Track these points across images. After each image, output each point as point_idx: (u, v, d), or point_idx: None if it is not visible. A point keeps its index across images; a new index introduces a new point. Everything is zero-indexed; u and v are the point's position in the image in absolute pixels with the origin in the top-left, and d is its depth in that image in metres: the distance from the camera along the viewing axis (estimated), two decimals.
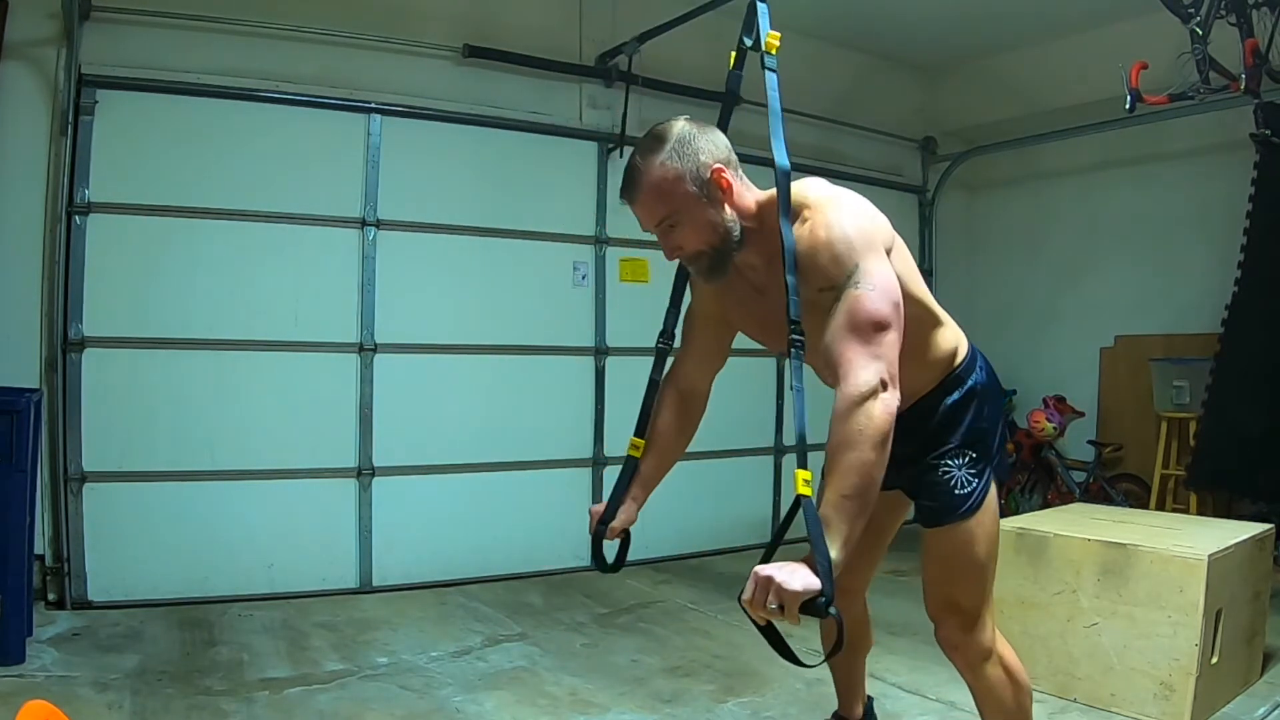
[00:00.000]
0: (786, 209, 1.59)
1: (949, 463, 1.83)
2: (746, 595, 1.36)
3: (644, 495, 1.98)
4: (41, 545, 3.69)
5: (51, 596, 3.75)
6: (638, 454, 1.91)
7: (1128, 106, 3.90)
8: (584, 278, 4.93)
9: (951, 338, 1.88)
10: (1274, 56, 3.85)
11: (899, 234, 1.83)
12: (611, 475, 4.92)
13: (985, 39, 5.70)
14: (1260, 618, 3.13)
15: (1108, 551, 2.87)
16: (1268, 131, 4.31)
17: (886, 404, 1.43)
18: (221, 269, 4.05)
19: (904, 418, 1.74)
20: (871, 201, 1.82)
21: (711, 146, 1.65)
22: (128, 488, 3.87)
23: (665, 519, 5.07)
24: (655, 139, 1.63)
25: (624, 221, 5.02)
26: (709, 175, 1.62)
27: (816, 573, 1.34)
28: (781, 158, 1.68)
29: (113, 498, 3.84)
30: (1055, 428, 5.68)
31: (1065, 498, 5.53)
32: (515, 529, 4.65)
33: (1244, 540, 2.94)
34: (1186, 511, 4.68)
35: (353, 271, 4.29)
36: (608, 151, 4.95)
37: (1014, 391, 6.36)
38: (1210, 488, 4.68)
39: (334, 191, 4.26)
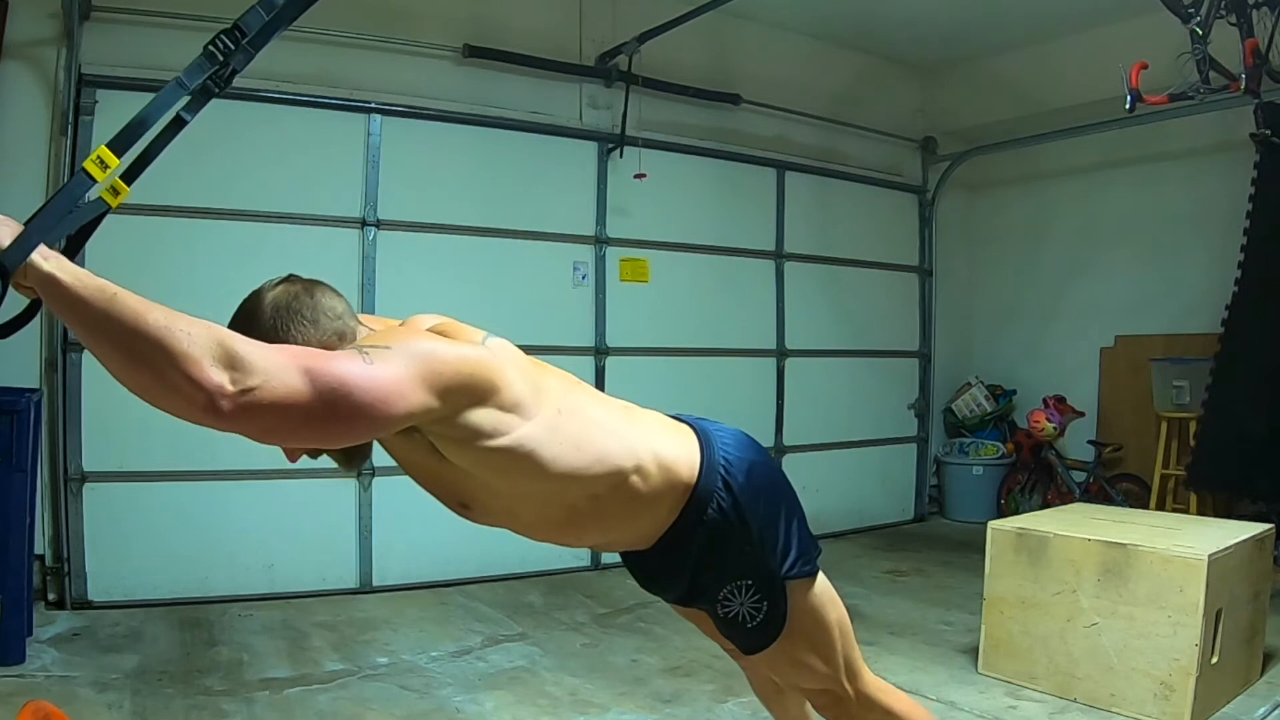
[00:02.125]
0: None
1: (726, 601, 1.56)
2: None
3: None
4: (41, 545, 3.69)
5: (51, 596, 3.75)
6: (101, 176, 1.32)
7: (1128, 106, 3.89)
8: (584, 278, 4.93)
9: (669, 469, 1.49)
10: (1274, 56, 3.85)
11: (898, 236, 1.73)
12: None
13: (985, 39, 5.70)
14: (1260, 618, 3.13)
15: (1108, 551, 2.87)
16: (1268, 131, 4.31)
17: (213, 379, 1.02)
18: (221, 269, 4.04)
19: (656, 553, 1.56)
20: (871, 202, 1.75)
21: (310, 327, 1.30)
22: (128, 488, 3.87)
23: None
24: (244, 322, 1.31)
25: (624, 221, 5.06)
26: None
27: (17, 239, 1.09)
28: None
29: (113, 498, 3.84)
30: (1055, 428, 5.68)
31: (1065, 498, 5.53)
32: None
33: (1244, 540, 2.94)
34: (1186, 511, 4.68)
35: (353, 271, 4.29)
36: (608, 151, 4.95)
37: (1014, 391, 6.37)
38: (1210, 488, 4.68)
39: (334, 191, 4.26)
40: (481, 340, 1.35)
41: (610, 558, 4.90)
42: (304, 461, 1.30)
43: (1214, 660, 2.77)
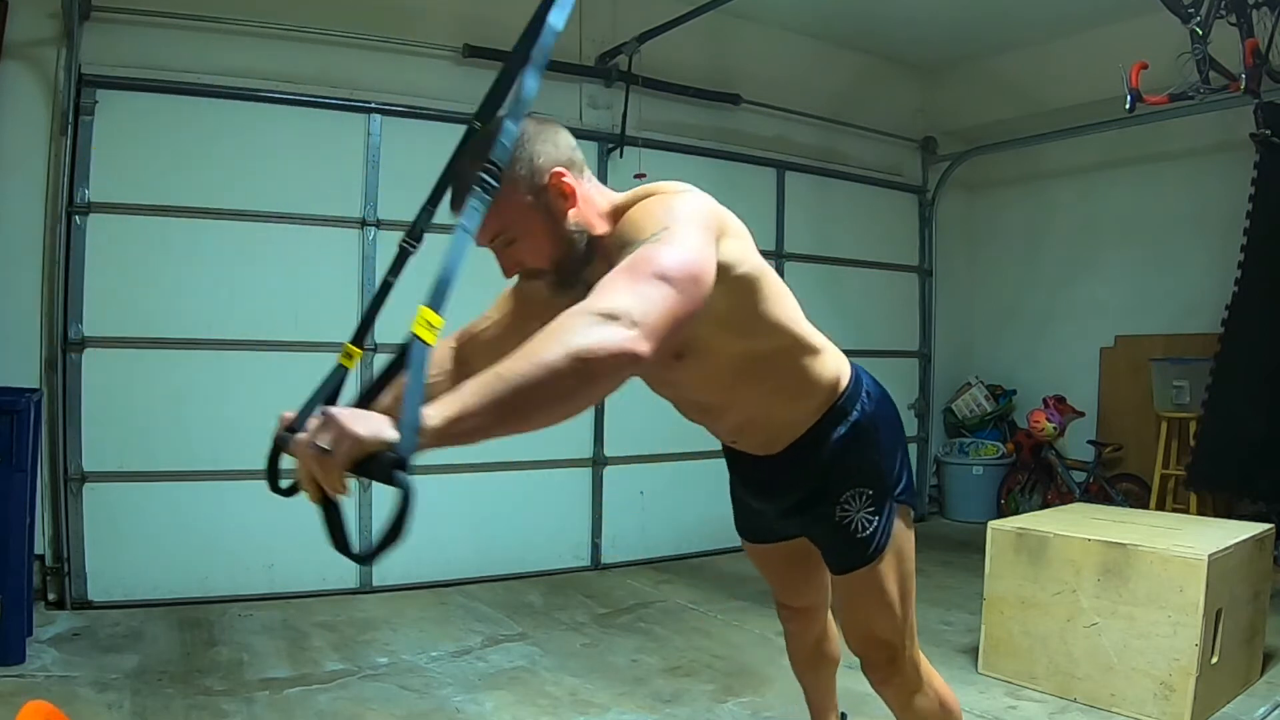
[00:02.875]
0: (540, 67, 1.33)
1: (845, 506, 1.68)
2: (304, 435, 1.04)
3: None
4: (41, 545, 3.69)
5: (51, 596, 3.75)
6: (350, 365, 1.39)
7: (1128, 106, 3.89)
8: None
9: (831, 366, 1.69)
10: (1274, 56, 3.85)
11: (898, 236, 1.79)
12: (611, 475, 4.95)
13: (985, 39, 5.70)
14: (1260, 618, 3.13)
15: (1108, 551, 2.87)
16: (1268, 131, 4.31)
17: (621, 338, 1.09)
18: (221, 269, 4.05)
19: (786, 460, 1.71)
20: (871, 202, 1.79)
21: (551, 148, 1.42)
22: (128, 488, 3.87)
23: (665, 519, 5.08)
24: (484, 141, 1.33)
25: None
26: (547, 181, 1.40)
27: (398, 426, 1.03)
28: (558, 19, 1.40)
29: (113, 498, 3.84)
30: (1055, 428, 5.68)
31: (1065, 498, 5.53)
32: (515, 529, 4.66)
33: (1244, 540, 2.94)
34: (1186, 511, 4.68)
35: (353, 271, 4.29)
36: (608, 151, 4.95)
37: (1014, 391, 6.36)
38: (1210, 488, 4.68)
39: (334, 191, 4.26)
40: (687, 187, 1.45)
41: (610, 558, 4.91)
42: None
43: (1214, 660, 2.77)
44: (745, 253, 1.47)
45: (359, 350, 1.41)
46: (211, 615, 3.74)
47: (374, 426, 1.01)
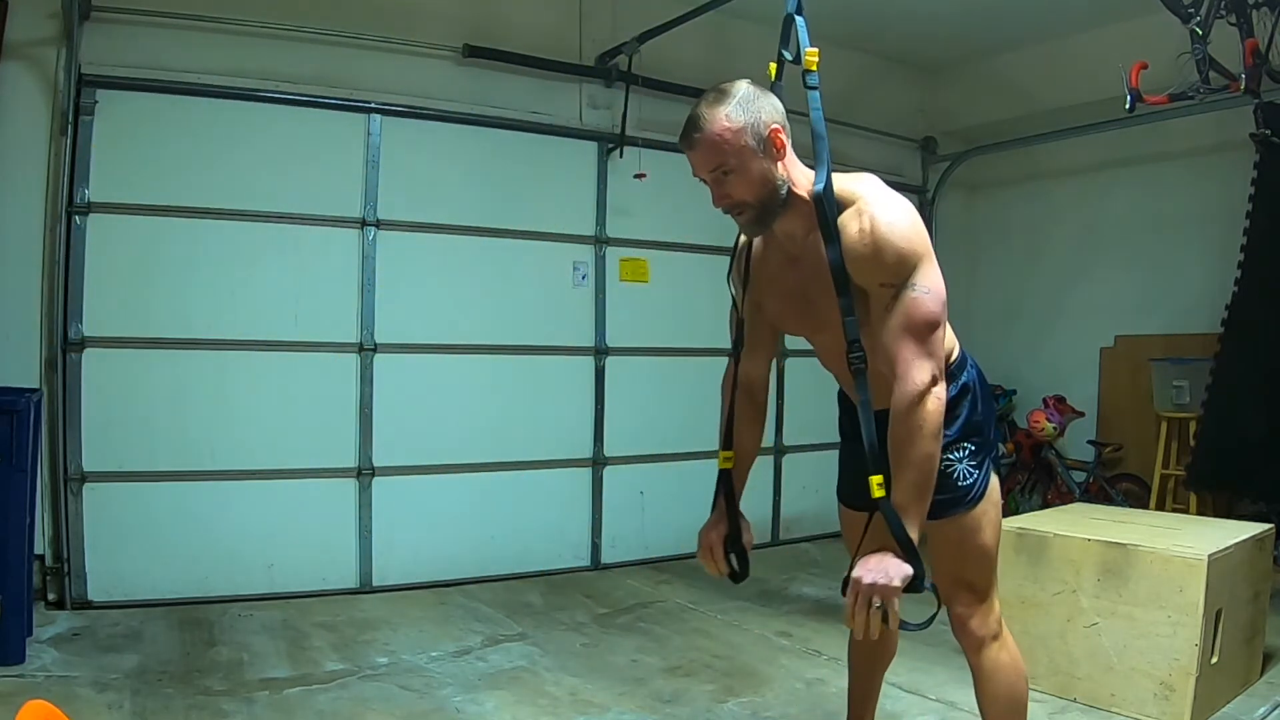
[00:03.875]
0: (829, 228, 1.68)
1: (950, 456, 1.85)
2: (853, 606, 1.55)
3: (744, 482, 2.11)
4: (41, 545, 3.69)
5: (51, 596, 3.75)
6: (730, 465, 2.03)
7: (1128, 106, 3.89)
8: (584, 278, 4.93)
9: (950, 337, 1.91)
10: (1274, 56, 3.84)
11: None
12: (612, 475, 4.95)
13: (985, 39, 5.69)
14: (1260, 618, 3.14)
15: (1108, 551, 2.87)
16: (1268, 131, 4.31)
17: (939, 397, 1.59)
18: (221, 269, 4.05)
19: None
20: None
21: (771, 109, 1.73)
22: (128, 488, 3.87)
23: (665, 519, 5.08)
24: (720, 93, 1.74)
25: (624, 221, 5.05)
26: (767, 133, 1.70)
27: (903, 558, 1.52)
28: (821, 183, 1.71)
29: (113, 498, 3.84)
30: (1055, 428, 5.68)
31: (1065, 498, 5.53)
32: (515, 529, 4.65)
33: (1244, 540, 2.94)
34: (1186, 511, 4.68)
35: (353, 271, 4.29)
36: (608, 151, 4.95)
37: (1014, 391, 6.36)
38: (1210, 488, 4.68)
39: (334, 191, 4.26)
40: (883, 190, 1.79)
41: (610, 558, 4.91)
42: (304, 461, 1.31)
43: (1214, 660, 2.77)
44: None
45: (732, 452, 2.05)
46: (211, 615, 3.74)
47: (899, 571, 1.56)
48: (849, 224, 1.69)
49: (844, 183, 1.76)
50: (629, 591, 4.40)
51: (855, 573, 1.55)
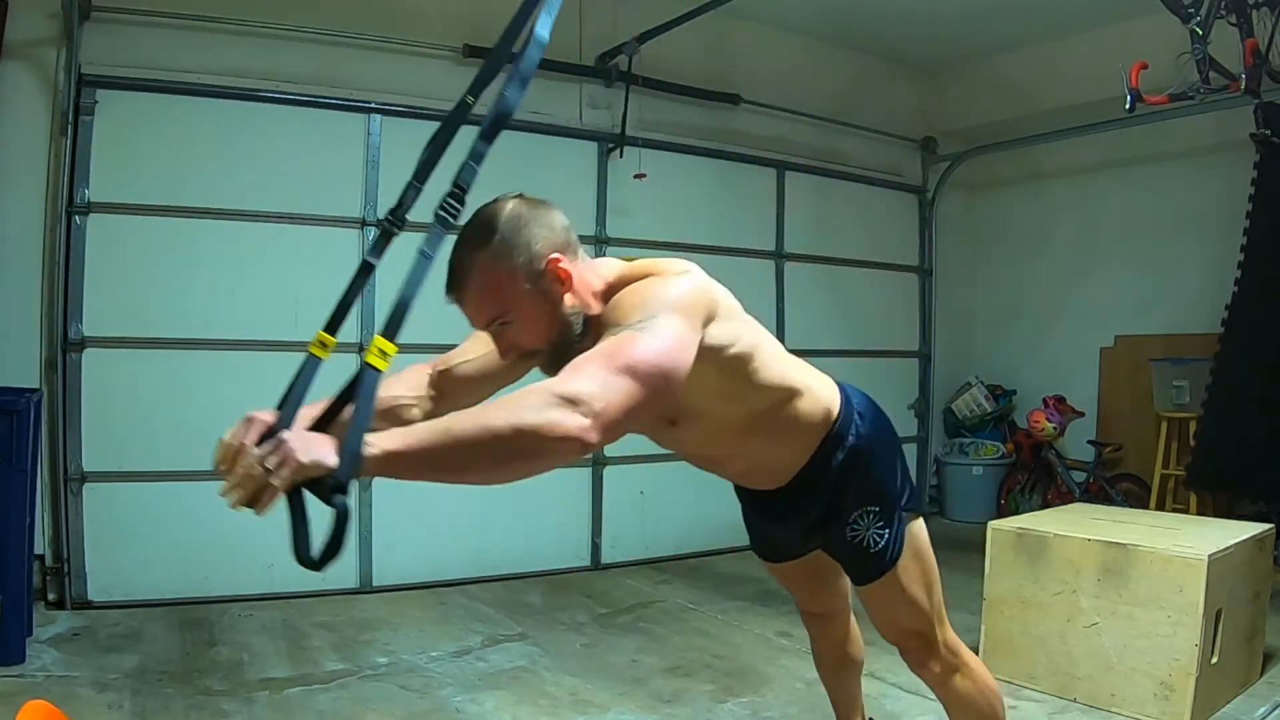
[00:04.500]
0: (525, 81, 1.36)
1: (854, 526, 1.76)
2: (253, 450, 1.19)
3: (316, 428, 1.37)
4: (41, 545, 3.69)
5: (51, 596, 3.75)
6: (323, 355, 1.41)
7: (1128, 106, 3.89)
8: None
9: (821, 401, 1.73)
10: (1274, 56, 3.85)
11: (898, 236, 1.81)
12: (612, 475, 4.95)
13: (985, 39, 5.70)
14: (1260, 618, 3.13)
15: (1108, 551, 2.87)
16: (1268, 131, 4.31)
17: (570, 424, 1.13)
18: (221, 269, 4.05)
19: (792, 492, 1.79)
20: (871, 202, 1.81)
21: (546, 232, 1.42)
22: (128, 488, 3.87)
23: (665, 519, 5.08)
24: (481, 229, 1.42)
25: (624, 222, 5.05)
26: (544, 266, 1.40)
27: (340, 452, 1.12)
28: (544, 29, 1.37)
29: (113, 498, 3.84)
30: (1055, 428, 5.68)
31: (1065, 498, 5.53)
32: (515, 529, 4.65)
33: (1244, 540, 2.94)
34: (1186, 511, 4.68)
35: (353, 272, 4.28)
36: (608, 151, 4.95)
37: (1014, 391, 6.36)
38: (1210, 488, 4.67)
39: (334, 191, 4.26)
40: (685, 269, 1.48)
41: (610, 558, 4.91)
42: None
43: (1214, 660, 2.77)
44: (737, 333, 1.51)
45: (333, 339, 1.39)
46: (211, 615, 3.74)
47: (318, 454, 1.12)
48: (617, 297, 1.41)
49: (648, 263, 1.49)
50: (629, 591, 4.40)
51: (288, 433, 1.18)
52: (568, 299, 1.43)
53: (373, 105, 4.32)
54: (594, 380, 1.18)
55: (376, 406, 1.37)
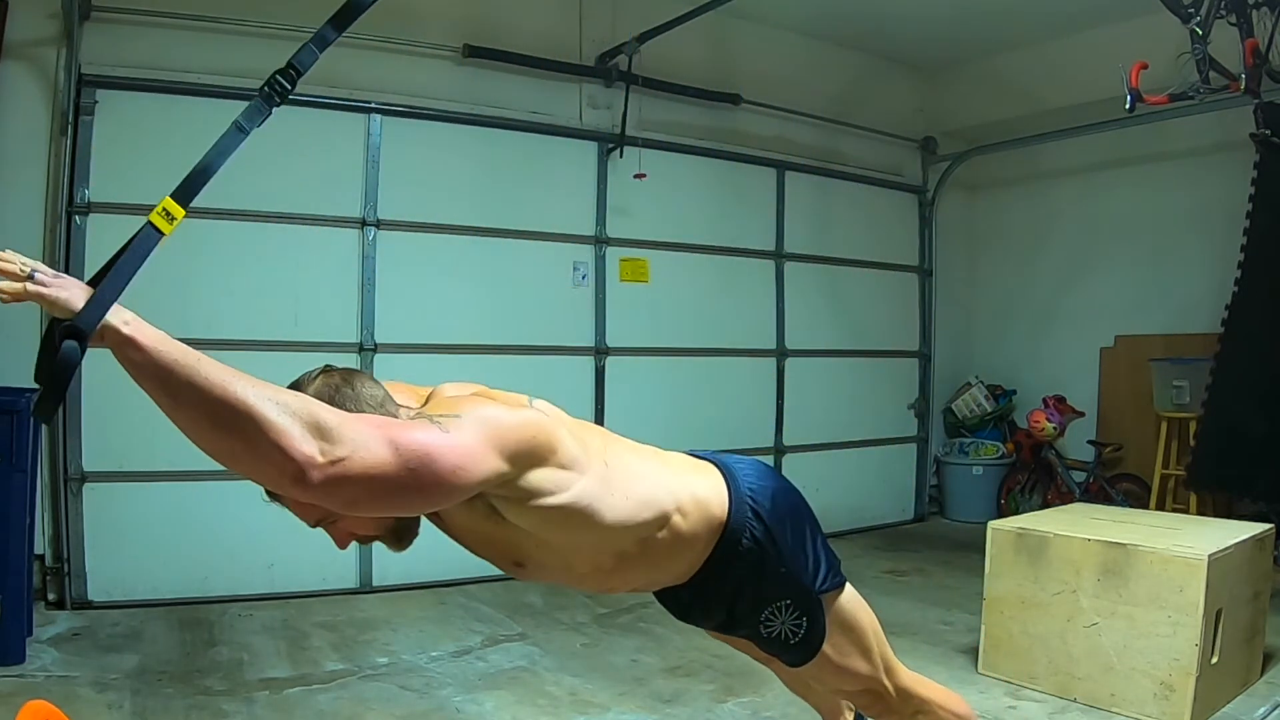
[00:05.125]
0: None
1: (767, 624, 1.62)
2: (29, 261, 1.09)
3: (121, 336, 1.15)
4: (41, 545, 3.69)
5: (51, 596, 3.75)
6: (168, 228, 1.29)
7: (1128, 106, 3.89)
8: (584, 278, 4.93)
9: (702, 510, 1.54)
10: (1274, 56, 3.85)
11: (898, 236, 1.77)
12: None
13: (985, 39, 5.70)
14: (1260, 618, 3.13)
15: (1108, 551, 2.87)
16: (1268, 131, 4.31)
17: (299, 451, 1.04)
18: (221, 269, 4.05)
19: (691, 591, 1.64)
20: (871, 202, 1.78)
21: (354, 408, 1.27)
22: (128, 488, 3.87)
23: None
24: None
25: (624, 222, 5.05)
26: None
27: (90, 301, 1.08)
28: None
29: (113, 498, 3.84)
30: (1055, 428, 5.68)
31: (1065, 498, 5.53)
32: None
33: (1244, 540, 2.94)
34: (1186, 511, 4.68)
35: (353, 271, 4.30)
36: (608, 151, 4.95)
37: (1014, 391, 6.36)
38: (1210, 488, 4.68)
39: (334, 191, 4.26)
40: (529, 403, 1.39)
41: None
42: None
43: (1214, 660, 2.77)
44: (567, 480, 1.34)
45: (182, 211, 1.28)
46: (211, 615, 3.74)
47: (70, 293, 1.07)
48: None
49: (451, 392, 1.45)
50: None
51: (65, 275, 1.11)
52: None
53: (373, 105, 4.32)
54: (357, 432, 1.09)
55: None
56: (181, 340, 1.12)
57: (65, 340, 1.04)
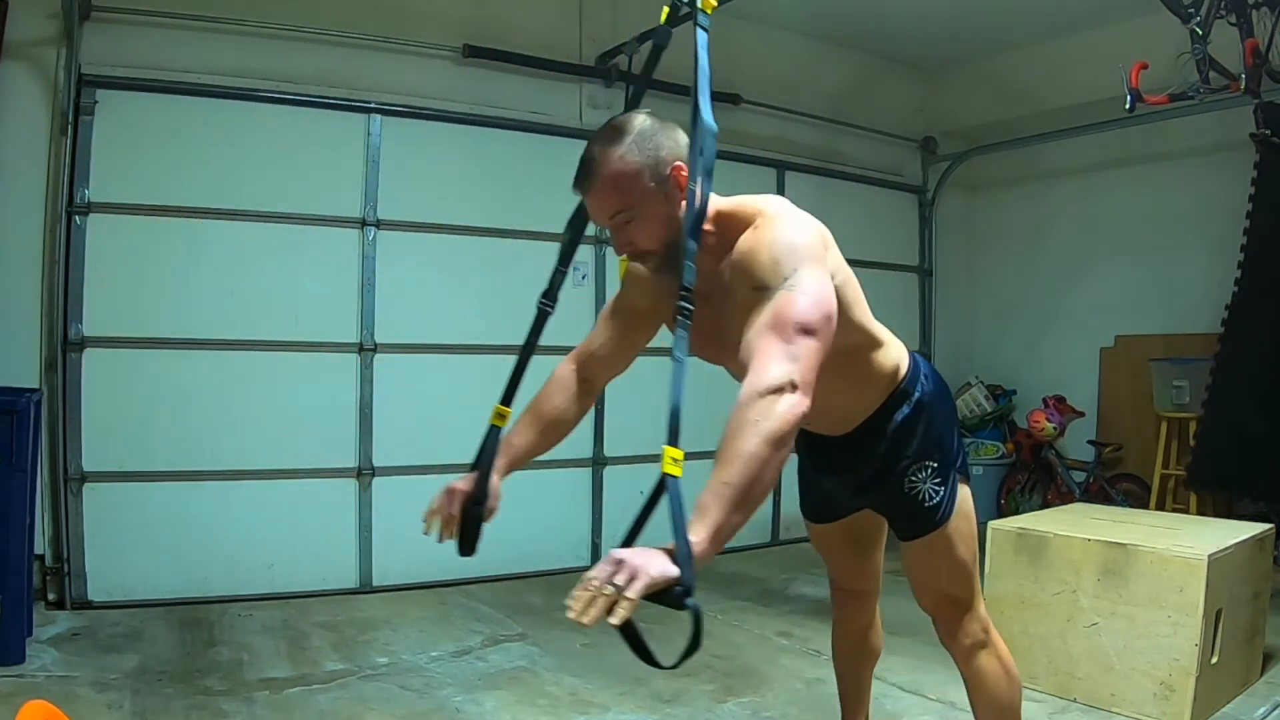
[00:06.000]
0: (710, 172, 1.46)
1: (912, 478, 1.80)
2: (594, 574, 1.26)
3: (508, 472, 1.81)
4: (41, 545, 3.69)
5: (51, 596, 3.75)
6: (502, 424, 1.79)
7: (1128, 106, 3.90)
8: (584, 278, 4.93)
9: (893, 355, 1.82)
10: (1274, 56, 3.85)
11: (898, 236, 1.83)
12: (612, 475, 4.95)
13: (985, 39, 5.70)
14: (1260, 618, 3.13)
15: (1108, 551, 2.87)
16: (1268, 131, 4.31)
17: (792, 405, 1.29)
18: (221, 269, 4.05)
19: (856, 439, 1.84)
20: (871, 202, 1.82)
21: (672, 143, 1.55)
22: (128, 488, 3.87)
23: (666, 519, 5.07)
24: (615, 130, 1.58)
25: None
26: (668, 172, 1.53)
27: (675, 560, 1.25)
28: (708, 116, 1.46)
29: (113, 498, 3.84)
30: (1055, 428, 5.68)
31: (1065, 498, 5.53)
32: (515, 529, 4.64)
33: (1244, 540, 2.94)
34: (1186, 511, 4.68)
35: (353, 271, 4.29)
36: None
37: (1014, 391, 6.36)
38: (1210, 488, 4.68)
39: (334, 191, 4.26)
40: (786, 209, 1.60)
41: None
42: (304, 461, 1.32)
43: (1214, 660, 2.77)
44: (839, 263, 1.62)
45: (508, 410, 1.72)
46: (211, 615, 3.74)
47: (662, 566, 1.25)
48: (743, 242, 1.52)
49: (748, 201, 1.60)
50: None
51: (619, 550, 1.29)
52: (684, 205, 1.50)
53: (373, 105, 4.32)
54: (782, 358, 1.32)
55: (542, 420, 1.89)
56: (181, 340, 1.13)
57: (687, 599, 1.27)
